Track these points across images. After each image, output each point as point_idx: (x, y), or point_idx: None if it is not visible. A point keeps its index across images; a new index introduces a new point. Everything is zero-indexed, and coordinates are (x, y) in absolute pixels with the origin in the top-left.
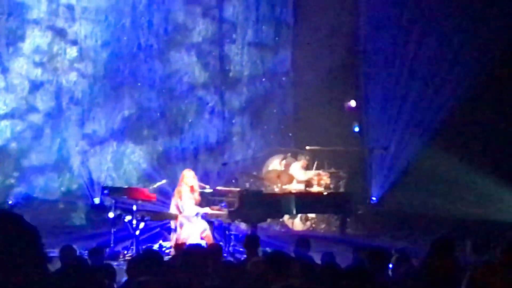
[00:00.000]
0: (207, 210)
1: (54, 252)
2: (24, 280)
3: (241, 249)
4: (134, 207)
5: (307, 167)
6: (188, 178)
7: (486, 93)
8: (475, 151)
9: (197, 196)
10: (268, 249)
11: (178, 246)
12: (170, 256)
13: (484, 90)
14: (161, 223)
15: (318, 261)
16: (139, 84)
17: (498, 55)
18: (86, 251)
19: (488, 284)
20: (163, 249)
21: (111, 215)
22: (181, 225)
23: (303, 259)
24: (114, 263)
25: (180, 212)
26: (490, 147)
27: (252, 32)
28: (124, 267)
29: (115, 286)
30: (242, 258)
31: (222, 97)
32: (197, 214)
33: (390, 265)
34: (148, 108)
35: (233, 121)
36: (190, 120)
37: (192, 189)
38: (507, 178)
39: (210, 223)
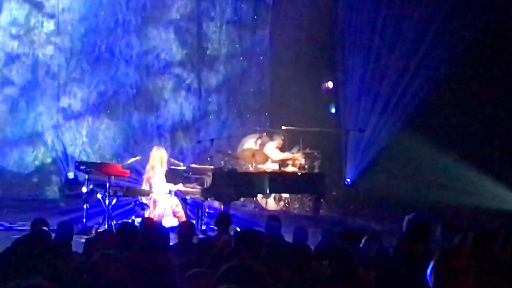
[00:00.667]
0: (180, 187)
1: (26, 225)
2: None
3: (213, 227)
4: (107, 183)
5: (282, 147)
6: (158, 155)
7: (463, 77)
8: (450, 136)
9: (164, 173)
10: (238, 228)
11: (146, 223)
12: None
13: (462, 73)
14: (133, 199)
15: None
16: (116, 59)
17: (476, 38)
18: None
19: (453, 268)
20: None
21: (84, 190)
22: (154, 202)
23: (274, 237)
24: (85, 237)
25: (151, 189)
26: (465, 132)
27: (230, 10)
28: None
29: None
30: (213, 236)
31: (199, 75)
32: (170, 192)
33: (361, 245)
34: (124, 84)
35: (209, 99)
36: (166, 97)
37: (161, 166)
38: (481, 163)
39: (183, 200)
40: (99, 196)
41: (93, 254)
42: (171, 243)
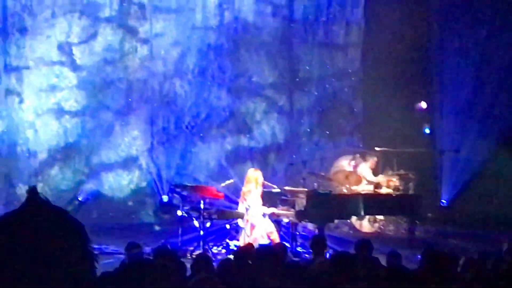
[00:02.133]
0: (274, 210)
1: (120, 249)
2: (69, 278)
3: (307, 250)
4: (202, 205)
5: (376, 169)
6: (254, 177)
7: None
8: None
9: (260, 196)
10: (333, 251)
11: (245, 246)
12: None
13: None
14: (228, 222)
15: (384, 263)
16: (208, 83)
17: None
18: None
19: None
20: (230, 247)
21: (179, 213)
22: (251, 225)
23: (368, 261)
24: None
25: (247, 212)
26: None
27: (322, 32)
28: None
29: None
30: (308, 259)
31: (291, 97)
32: (264, 215)
33: (459, 269)
34: (217, 107)
35: (302, 121)
36: (258, 119)
37: (256, 188)
38: None
39: (277, 223)
40: (194, 219)
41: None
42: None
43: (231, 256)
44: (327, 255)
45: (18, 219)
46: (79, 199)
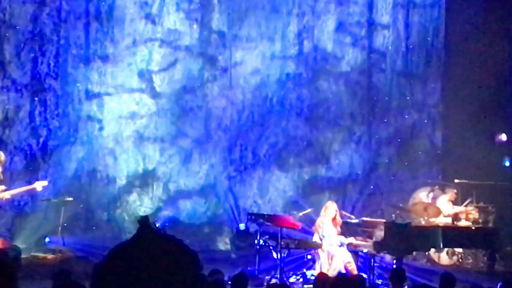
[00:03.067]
0: (351, 240)
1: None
2: None
3: (385, 281)
4: (279, 235)
5: (455, 201)
6: (331, 210)
7: None
8: None
9: (339, 228)
10: (412, 283)
11: (322, 276)
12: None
13: None
14: (305, 252)
15: None
16: (286, 112)
17: None
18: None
19: None
20: (307, 277)
21: (256, 241)
22: (330, 256)
23: None
24: None
25: (323, 242)
26: None
27: (401, 62)
28: None
29: None
30: None
31: (369, 127)
32: (341, 245)
33: None
34: (294, 136)
35: (380, 151)
36: (336, 149)
37: (333, 220)
38: None
39: (355, 253)
40: (271, 248)
41: None
42: None
43: (310, 286)
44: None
45: (133, 249)
46: (157, 225)
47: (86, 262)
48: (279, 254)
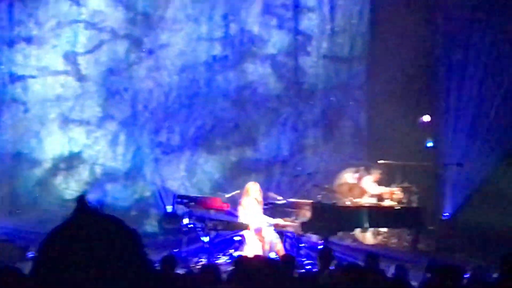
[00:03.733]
0: (279, 221)
1: None
2: (125, 285)
3: (312, 262)
4: (207, 217)
5: (380, 181)
6: (253, 190)
7: None
8: None
9: (260, 208)
10: (339, 262)
11: (242, 259)
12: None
13: None
14: (233, 233)
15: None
16: (213, 94)
17: None
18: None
19: None
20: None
21: (185, 221)
22: (253, 236)
23: (376, 272)
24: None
25: (249, 223)
26: None
27: (327, 44)
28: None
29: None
30: (314, 270)
31: (296, 109)
32: (269, 225)
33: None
34: (222, 119)
35: (306, 133)
36: (263, 131)
37: (256, 201)
38: None
39: (282, 234)
40: (198, 230)
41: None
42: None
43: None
44: (333, 267)
45: (70, 229)
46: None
47: (13, 246)
48: (207, 236)
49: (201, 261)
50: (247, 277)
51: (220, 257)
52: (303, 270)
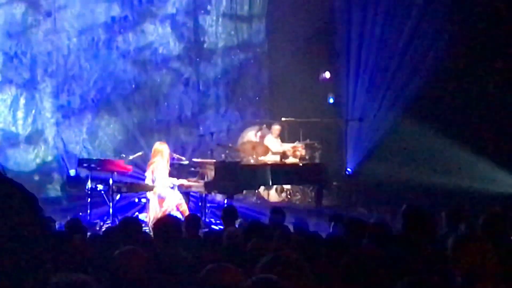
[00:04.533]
0: (183, 181)
1: None
2: (23, 246)
3: (217, 221)
4: (110, 179)
5: (283, 139)
6: (159, 150)
7: (464, 62)
8: (451, 122)
9: (168, 168)
10: (243, 220)
11: (156, 218)
12: (147, 228)
13: (462, 59)
14: (136, 195)
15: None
16: (113, 56)
17: (479, 24)
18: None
19: (473, 256)
20: (140, 220)
21: (88, 185)
22: (160, 198)
23: (279, 228)
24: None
25: (154, 184)
26: (466, 118)
27: (226, 3)
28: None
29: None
30: (219, 229)
31: (197, 69)
32: (173, 186)
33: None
34: (122, 80)
35: (208, 93)
36: (165, 92)
37: (165, 161)
38: (482, 147)
39: (186, 194)
40: (102, 191)
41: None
42: None
43: (147, 228)
44: (237, 225)
45: None
46: None
47: None
48: (110, 198)
49: (105, 224)
50: (158, 237)
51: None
52: (209, 229)
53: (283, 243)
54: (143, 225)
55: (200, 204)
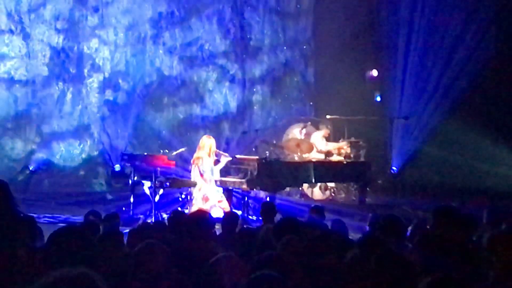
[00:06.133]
0: (226, 178)
1: (72, 218)
2: None
3: (259, 218)
4: (153, 174)
5: (328, 137)
6: (207, 144)
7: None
8: (496, 122)
9: (213, 162)
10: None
11: (197, 213)
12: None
13: (510, 59)
14: (180, 190)
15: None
16: (160, 51)
17: None
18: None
19: (506, 249)
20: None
21: (131, 181)
22: (203, 193)
23: (316, 226)
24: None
25: (202, 177)
26: None
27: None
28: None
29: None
30: (257, 226)
31: (243, 66)
32: (216, 182)
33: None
34: (169, 76)
35: (254, 89)
36: (210, 88)
37: (209, 155)
38: None
39: (229, 191)
40: (145, 187)
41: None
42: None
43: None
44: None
45: None
46: (30, 168)
47: None
48: (153, 193)
49: (148, 218)
50: (193, 233)
51: (166, 215)
52: (249, 226)
53: (316, 242)
54: None
55: (242, 201)
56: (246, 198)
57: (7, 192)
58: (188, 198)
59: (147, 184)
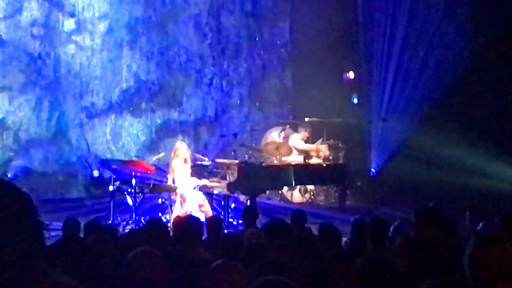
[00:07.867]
0: (205, 182)
1: (58, 225)
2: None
3: (240, 221)
4: (133, 180)
5: (307, 140)
6: (181, 150)
7: (489, 64)
8: (475, 123)
9: (189, 168)
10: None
11: (178, 219)
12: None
13: (487, 59)
14: (160, 196)
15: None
16: (137, 56)
17: (503, 25)
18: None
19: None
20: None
21: (110, 188)
22: (182, 198)
23: (302, 230)
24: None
25: (175, 185)
26: (490, 119)
27: (249, 2)
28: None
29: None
30: (240, 229)
31: (220, 70)
32: (195, 187)
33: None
34: (146, 81)
35: (232, 93)
36: (188, 93)
37: (185, 161)
38: (506, 149)
39: (209, 195)
40: (125, 193)
41: (124, 251)
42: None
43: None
44: (259, 226)
45: None
46: (9, 176)
47: None
48: (133, 199)
49: (128, 225)
50: (179, 238)
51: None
52: (231, 230)
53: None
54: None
55: (223, 204)
56: (226, 202)
57: (31, 206)
58: (167, 203)
59: (126, 189)
